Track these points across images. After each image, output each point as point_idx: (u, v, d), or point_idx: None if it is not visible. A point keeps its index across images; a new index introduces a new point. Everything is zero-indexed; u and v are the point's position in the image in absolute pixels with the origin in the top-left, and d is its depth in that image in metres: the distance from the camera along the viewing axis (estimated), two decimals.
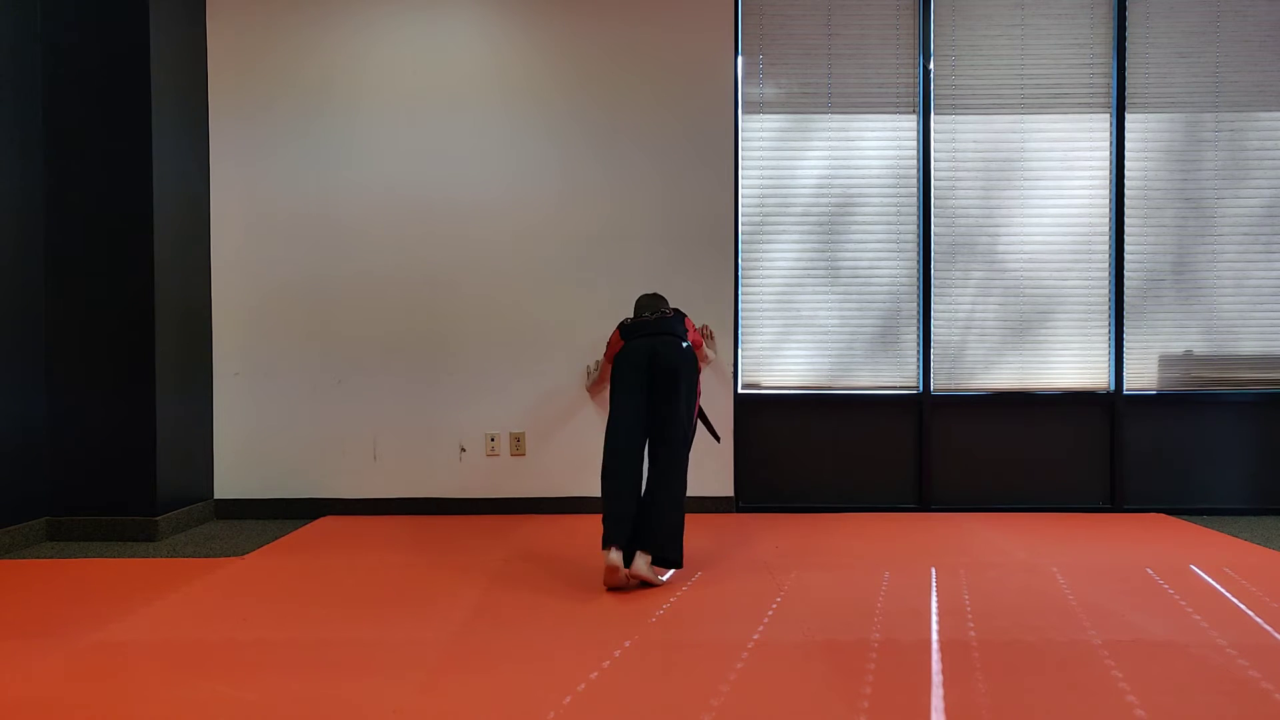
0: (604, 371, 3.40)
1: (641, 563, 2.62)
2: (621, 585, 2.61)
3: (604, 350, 3.29)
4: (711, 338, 3.75)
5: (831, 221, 3.91)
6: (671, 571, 2.79)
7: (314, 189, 3.80)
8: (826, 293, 3.91)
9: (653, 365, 2.77)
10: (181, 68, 3.58)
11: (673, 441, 2.74)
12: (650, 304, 3.14)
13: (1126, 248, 3.88)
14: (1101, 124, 3.89)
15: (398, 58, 3.80)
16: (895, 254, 3.91)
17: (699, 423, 3.05)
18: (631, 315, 3.14)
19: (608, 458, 2.73)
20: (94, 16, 3.31)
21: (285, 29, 3.78)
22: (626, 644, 2.15)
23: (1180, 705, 1.79)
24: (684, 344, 2.86)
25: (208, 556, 3.10)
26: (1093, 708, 1.78)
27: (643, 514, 2.67)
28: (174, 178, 3.50)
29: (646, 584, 2.66)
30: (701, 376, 3.72)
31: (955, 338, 3.92)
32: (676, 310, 3.10)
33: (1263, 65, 3.86)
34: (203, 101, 3.75)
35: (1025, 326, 3.91)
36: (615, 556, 2.57)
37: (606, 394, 3.34)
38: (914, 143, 3.89)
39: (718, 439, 3.31)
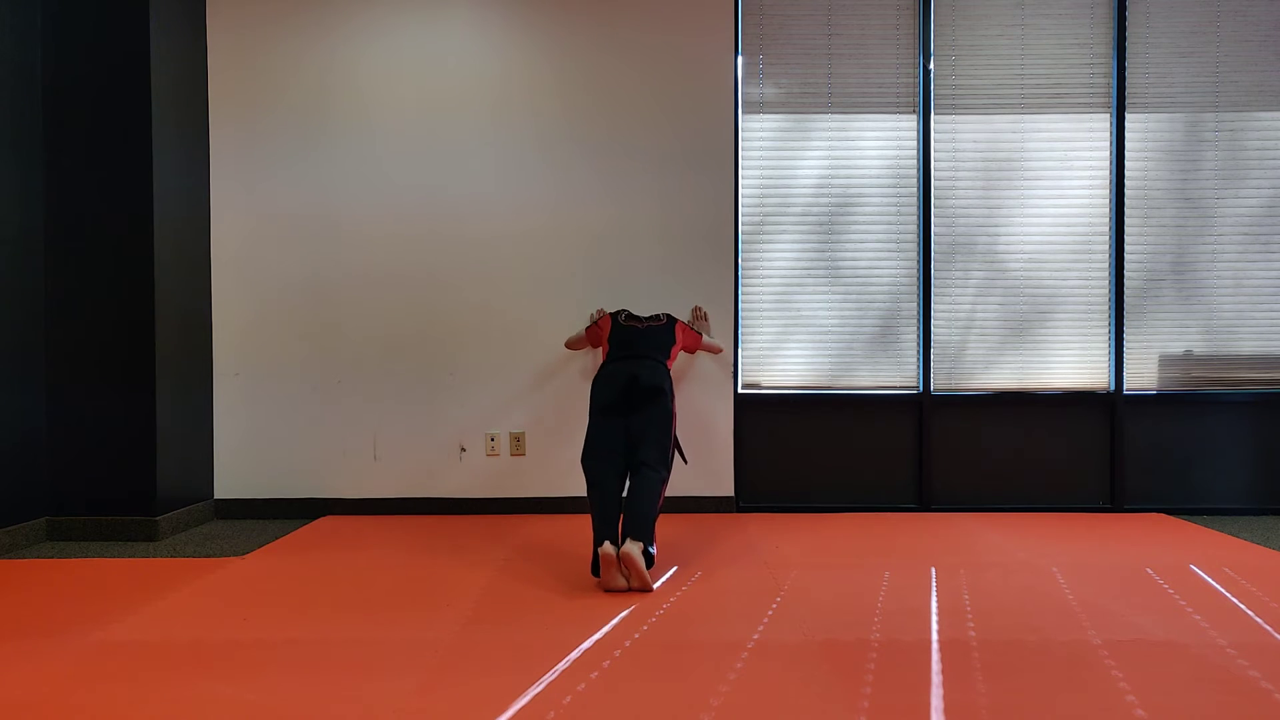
0: (578, 339, 3.51)
1: (634, 548, 2.58)
2: (618, 587, 2.60)
3: (590, 325, 3.37)
4: (706, 318, 3.76)
5: (831, 221, 3.91)
6: (665, 577, 2.78)
7: (314, 190, 3.80)
8: (826, 292, 3.91)
9: (629, 388, 2.88)
10: (181, 71, 3.58)
11: (651, 453, 2.80)
12: (645, 317, 3.30)
13: (1126, 247, 3.88)
14: (1101, 124, 3.89)
15: (397, 60, 3.80)
16: (895, 254, 3.91)
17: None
18: (626, 310, 3.28)
19: (591, 481, 2.82)
20: (94, 22, 3.31)
21: (285, 32, 3.78)
22: (626, 644, 2.15)
23: (1180, 705, 1.79)
24: (661, 366, 2.99)
25: (208, 556, 3.10)
26: (1093, 708, 1.78)
27: (626, 509, 2.71)
28: (174, 179, 3.50)
29: (639, 589, 2.62)
30: (692, 361, 3.76)
31: (955, 337, 3.92)
32: (669, 316, 3.21)
33: (1263, 65, 3.86)
34: (203, 103, 3.75)
35: (1025, 326, 3.91)
36: (610, 548, 2.59)
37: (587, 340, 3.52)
38: (914, 142, 3.88)
39: (684, 460, 3.29)
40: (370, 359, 3.82)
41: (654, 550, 2.72)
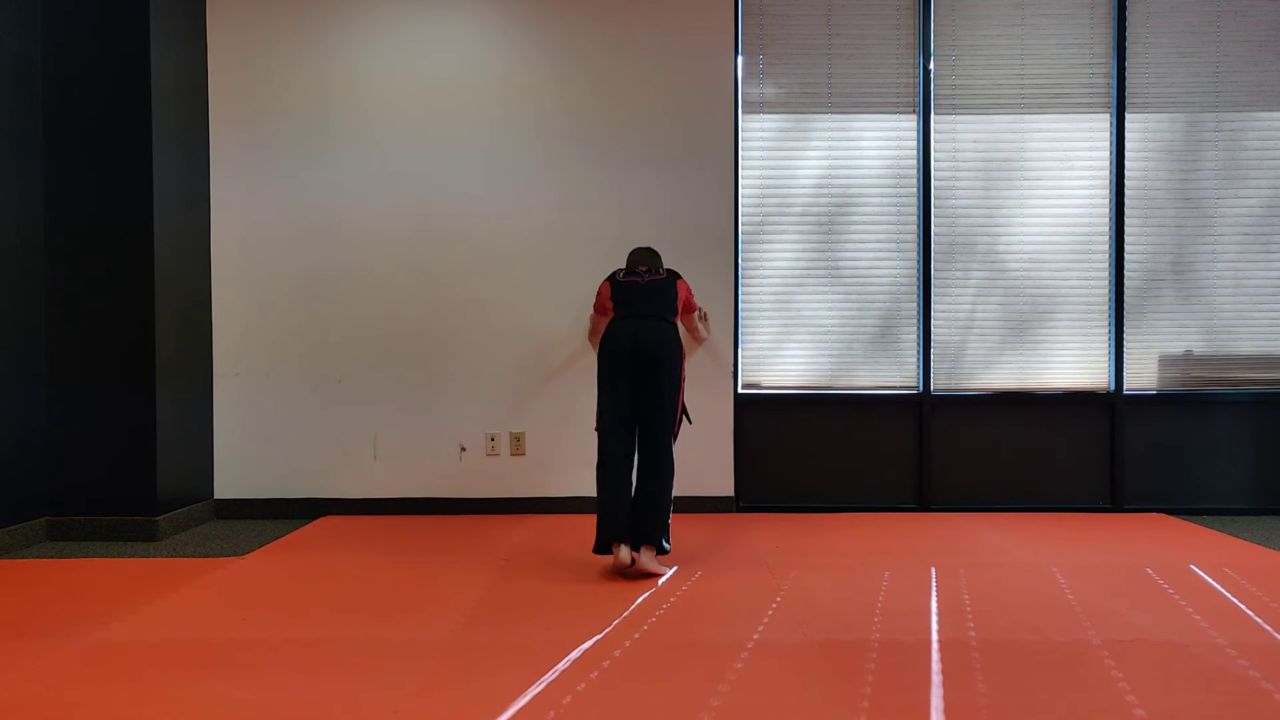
0: (595, 325, 3.36)
1: (648, 557, 2.75)
2: (628, 572, 2.72)
3: (596, 304, 3.23)
4: (706, 319, 3.74)
5: (831, 221, 3.91)
6: (665, 577, 2.79)
7: (314, 189, 3.80)
8: (826, 292, 3.91)
9: (635, 353, 2.80)
10: (181, 71, 3.58)
11: (659, 434, 2.82)
12: (644, 258, 3.05)
13: (1126, 247, 3.88)
14: (1101, 124, 3.89)
15: (397, 59, 3.80)
16: (895, 254, 3.91)
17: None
18: (624, 267, 3.06)
19: (602, 457, 2.83)
20: (95, 22, 3.31)
21: (285, 32, 3.78)
22: (626, 644, 2.15)
23: (1180, 705, 1.79)
24: (668, 327, 2.88)
25: (208, 556, 3.10)
26: (1093, 708, 1.77)
27: (639, 508, 2.77)
28: (174, 178, 3.50)
29: (649, 574, 2.76)
30: (692, 362, 3.72)
31: (955, 337, 3.92)
32: (670, 271, 3.05)
33: (1263, 65, 3.86)
34: (203, 103, 3.75)
35: (1025, 326, 3.91)
36: (625, 553, 2.72)
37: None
38: (914, 142, 3.88)
39: (689, 421, 3.26)
40: (370, 359, 3.82)
41: (668, 545, 2.84)
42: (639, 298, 2.92)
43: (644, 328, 2.83)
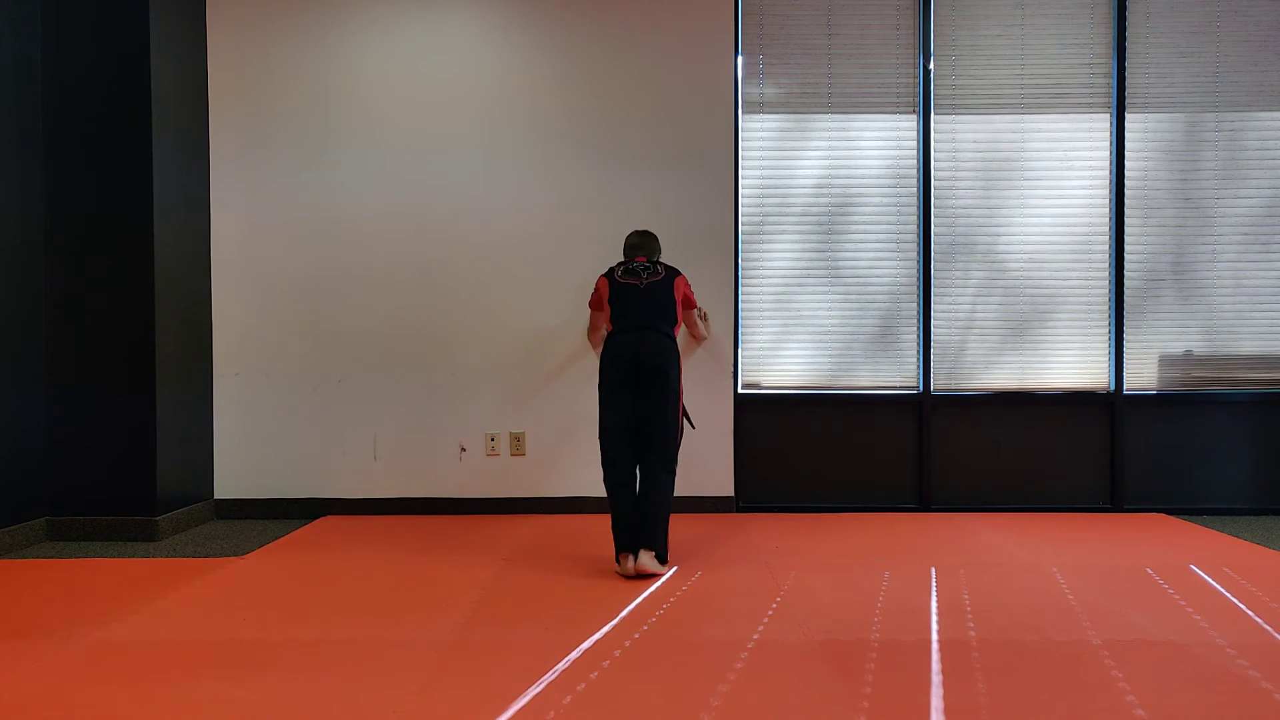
0: (594, 321, 3.38)
1: (646, 559, 2.77)
2: (632, 575, 2.78)
3: (592, 296, 3.26)
4: (706, 319, 3.73)
5: (831, 221, 3.91)
6: (665, 577, 2.80)
7: (314, 189, 3.80)
8: (826, 292, 3.91)
9: (637, 369, 2.86)
10: (181, 71, 3.58)
11: (661, 442, 2.86)
12: (641, 243, 3.15)
13: (1126, 247, 3.88)
14: (1101, 124, 3.89)
15: (398, 59, 3.80)
16: (895, 254, 3.91)
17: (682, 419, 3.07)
18: (622, 260, 3.12)
19: (607, 468, 2.89)
20: (94, 22, 3.31)
21: (285, 32, 3.78)
22: (626, 644, 2.15)
23: (1180, 705, 1.79)
24: (669, 341, 2.93)
25: (208, 556, 3.10)
26: (1093, 708, 1.77)
27: (639, 513, 2.82)
28: (174, 178, 3.50)
29: (649, 574, 2.80)
30: (692, 362, 3.74)
31: (955, 337, 3.92)
32: (669, 267, 3.07)
33: (1263, 65, 3.86)
34: (203, 103, 3.75)
35: (1025, 326, 3.91)
36: (630, 565, 2.76)
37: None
38: (914, 142, 3.88)
39: (693, 426, 3.29)
40: (370, 359, 3.82)
41: (665, 552, 2.86)
42: (638, 302, 2.96)
43: (645, 343, 2.88)
